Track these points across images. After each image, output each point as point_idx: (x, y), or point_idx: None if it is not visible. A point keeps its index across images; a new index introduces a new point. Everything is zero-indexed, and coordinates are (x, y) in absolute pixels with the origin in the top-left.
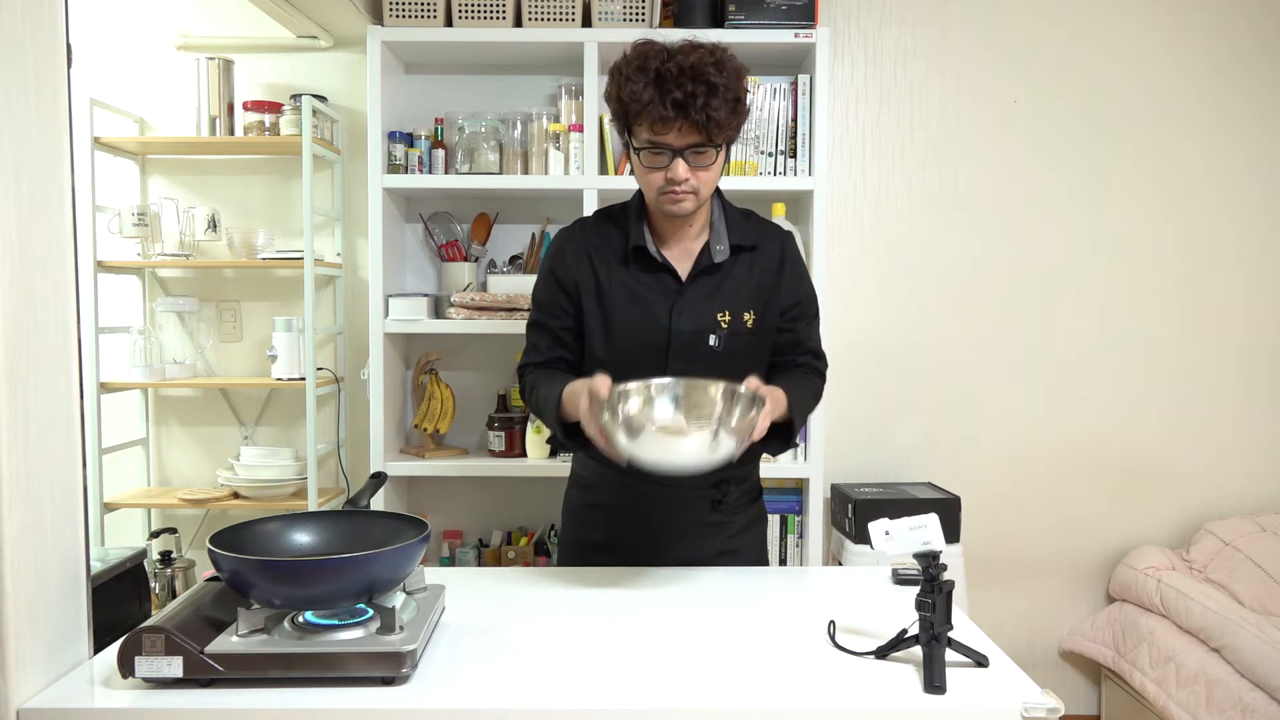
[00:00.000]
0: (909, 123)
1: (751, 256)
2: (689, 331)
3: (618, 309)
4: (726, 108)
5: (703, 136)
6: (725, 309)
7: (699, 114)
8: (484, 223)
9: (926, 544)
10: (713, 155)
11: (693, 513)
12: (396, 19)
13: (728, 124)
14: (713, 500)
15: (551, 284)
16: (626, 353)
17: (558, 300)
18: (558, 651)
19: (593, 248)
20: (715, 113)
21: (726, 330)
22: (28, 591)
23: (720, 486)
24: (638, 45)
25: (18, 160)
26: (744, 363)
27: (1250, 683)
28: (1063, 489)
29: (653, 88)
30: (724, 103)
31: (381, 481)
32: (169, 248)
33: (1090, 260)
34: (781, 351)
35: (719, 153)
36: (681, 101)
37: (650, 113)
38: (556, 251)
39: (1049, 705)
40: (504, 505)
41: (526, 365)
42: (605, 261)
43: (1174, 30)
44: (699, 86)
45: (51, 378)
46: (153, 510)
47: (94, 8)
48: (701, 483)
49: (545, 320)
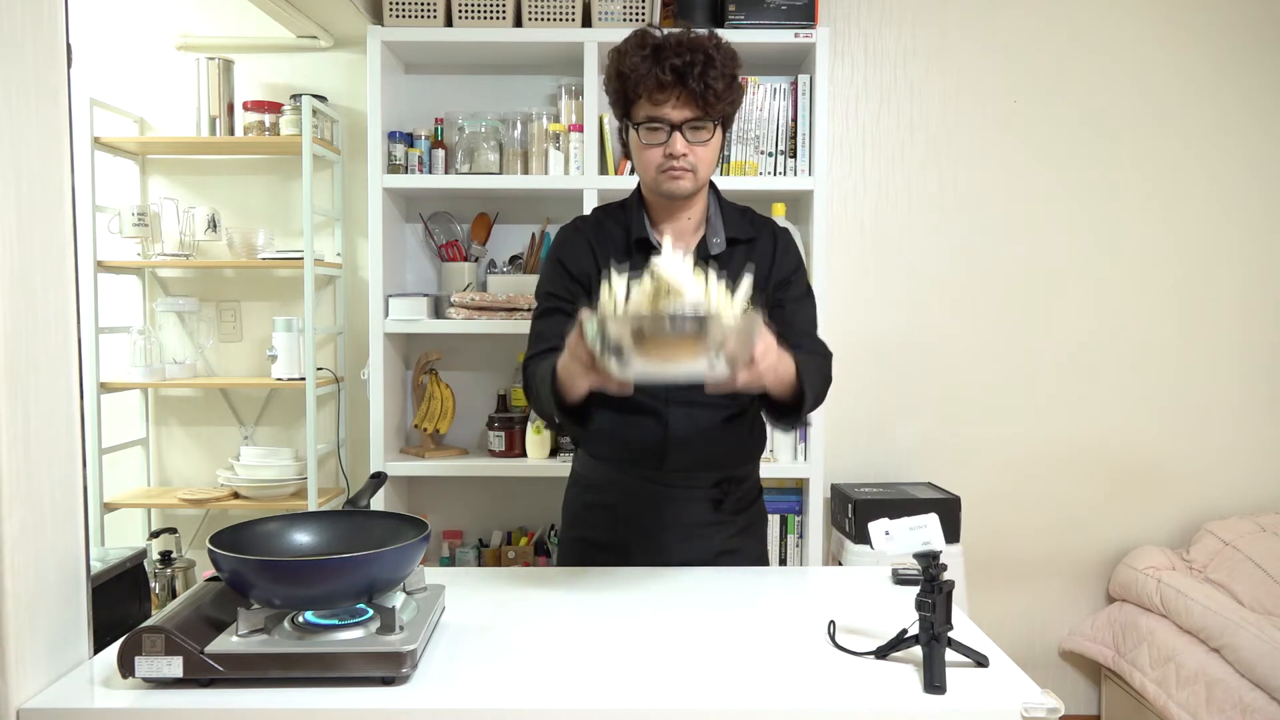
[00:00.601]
0: (909, 123)
1: (748, 249)
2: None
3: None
4: (724, 80)
5: (700, 109)
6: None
7: (696, 83)
8: (484, 223)
9: (926, 544)
10: (709, 131)
11: (693, 512)
12: (396, 19)
13: (724, 96)
14: (714, 500)
15: (560, 272)
16: None
17: (569, 287)
18: (558, 651)
19: (596, 241)
20: (713, 83)
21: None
22: (28, 591)
23: (721, 486)
24: (635, 31)
25: (18, 160)
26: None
27: (1250, 683)
28: (1063, 489)
29: (651, 59)
30: (720, 75)
31: (381, 481)
32: (169, 248)
33: (1090, 260)
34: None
35: (715, 130)
36: (680, 68)
37: (648, 81)
38: (561, 244)
39: (1049, 705)
40: (504, 505)
41: (531, 358)
42: (608, 255)
43: (1174, 30)
44: (696, 55)
45: (51, 378)
46: (153, 510)
47: (94, 8)
48: (702, 482)
49: (557, 306)
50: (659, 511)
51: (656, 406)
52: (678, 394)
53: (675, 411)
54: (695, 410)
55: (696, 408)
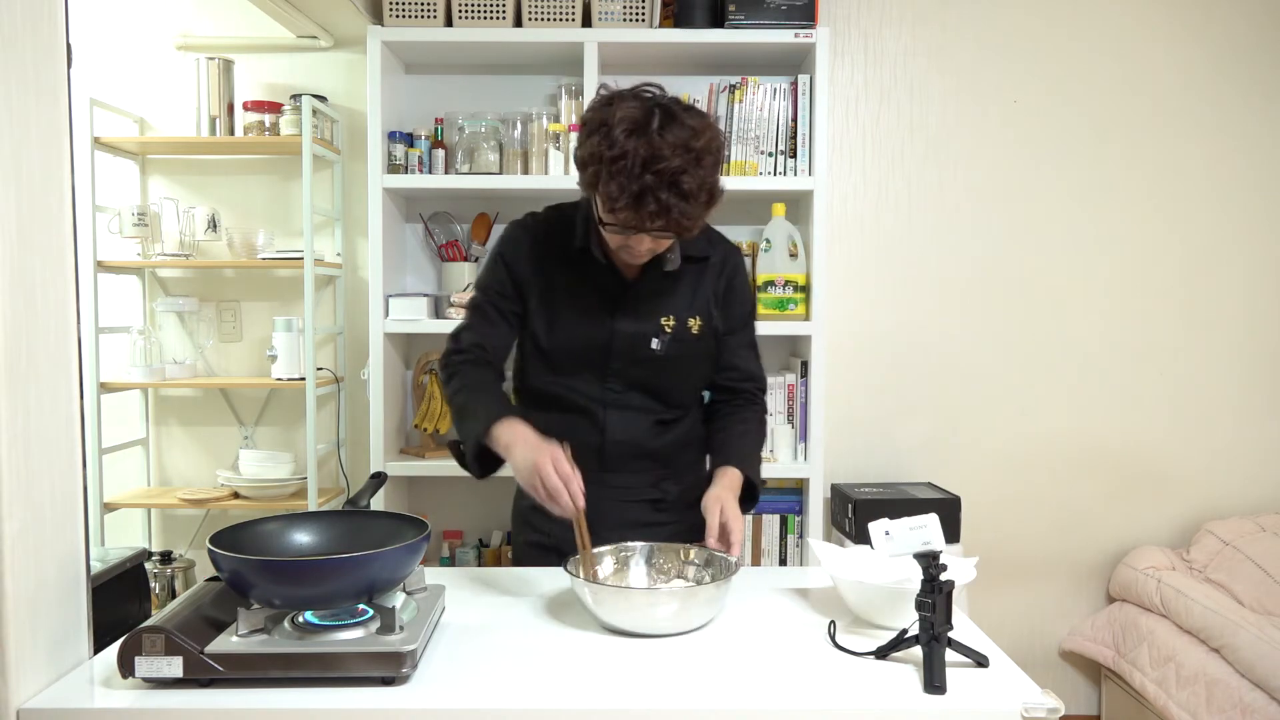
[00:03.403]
0: (909, 123)
1: (701, 266)
2: (631, 333)
3: (562, 305)
4: (699, 208)
5: (671, 232)
6: (669, 313)
7: (672, 223)
8: (484, 223)
9: (926, 544)
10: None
11: (634, 512)
12: (396, 19)
13: (697, 221)
14: (653, 500)
15: (500, 268)
16: (568, 347)
17: (504, 286)
18: (558, 651)
19: (543, 244)
20: (687, 220)
21: (670, 335)
22: (28, 591)
23: (661, 486)
24: (622, 118)
25: (18, 160)
26: (687, 367)
27: (1250, 683)
28: (1063, 489)
29: (631, 204)
30: (696, 204)
31: (381, 481)
32: (169, 248)
33: (1090, 260)
34: (721, 369)
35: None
36: (656, 212)
37: (621, 215)
38: (507, 239)
39: (1049, 705)
40: (504, 505)
41: (456, 352)
42: (553, 257)
43: (1174, 30)
44: (673, 197)
45: (51, 378)
46: (153, 510)
47: (94, 8)
48: (641, 482)
49: (489, 300)
50: (600, 512)
51: (593, 408)
52: (614, 397)
53: (612, 414)
54: (630, 413)
55: (632, 411)
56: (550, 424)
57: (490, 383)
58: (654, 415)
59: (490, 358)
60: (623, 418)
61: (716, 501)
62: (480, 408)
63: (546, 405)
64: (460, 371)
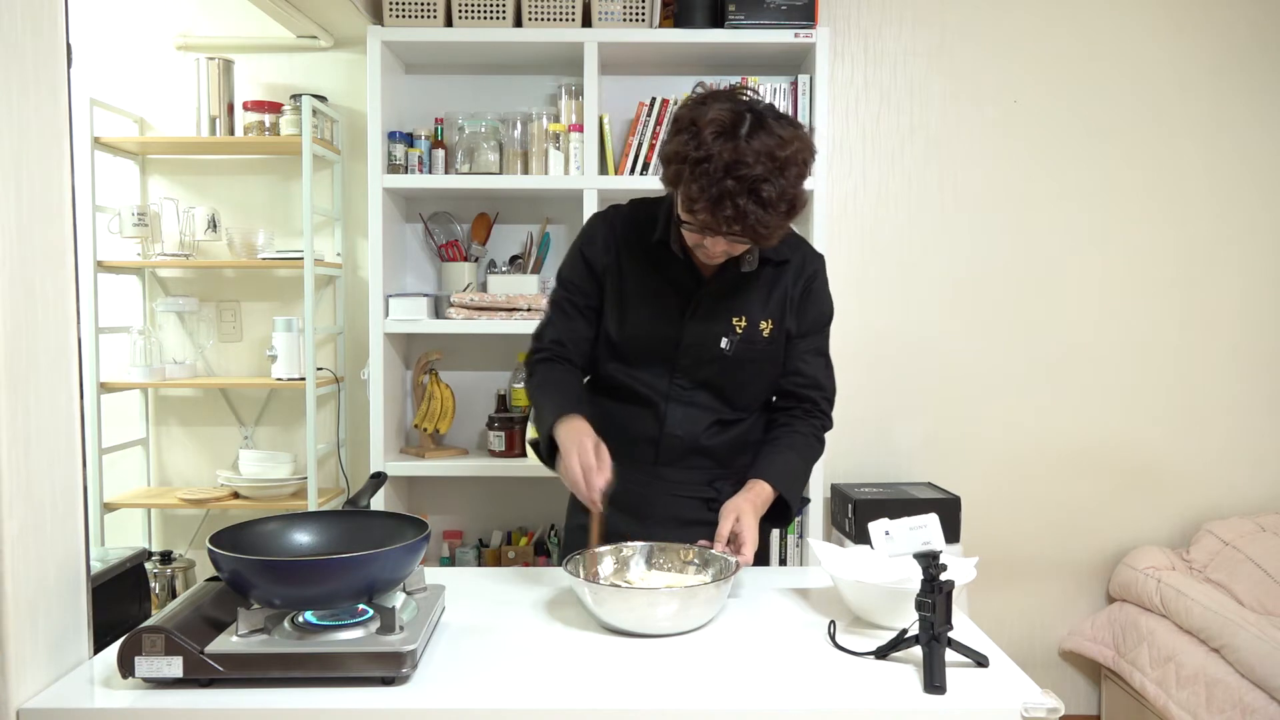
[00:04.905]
0: (909, 123)
1: (780, 269)
2: (701, 331)
3: (636, 297)
4: (778, 217)
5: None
6: (742, 314)
7: (748, 229)
8: (484, 223)
9: (926, 544)
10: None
11: (686, 508)
12: (396, 19)
13: (774, 230)
14: (706, 499)
15: (580, 264)
16: (638, 342)
17: (584, 280)
18: (558, 651)
19: (622, 236)
20: (763, 228)
21: (740, 336)
22: (28, 591)
23: (714, 485)
24: (712, 119)
25: (18, 160)
26: (754, 370)
27: (1250, 683)
28: (1063, 489)
29: (709, 207)
30: (775, 213)
31: (381, 481)
32: (169, 248)
33: (1090, 260)
34: (787, 374)
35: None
36: (733, 217)
37: (699, 216)
38: (588, 234)
39: (1049, 705)
40: (504, 505)
41: (538, 350)
42: (631, 248)
43: (1174, 30)
44: (752, 204)
45: (51, 377)
46: (153, 510)
47: (94, 8)
48: (696, 479)
49: (569, 296)
50: (652, 504)
51: (656, 401)
52: (679, 392)
53: (673, 408)
54: (693, 410)
55: (694, 408)
56: (613, 413)
57: (561, 380)
58: (716, 414)
59: (569, 354)
60: (683, 413)
61: (733, 510)
62: (549, 405)
63: (612, 394)
64: (536, 370)
